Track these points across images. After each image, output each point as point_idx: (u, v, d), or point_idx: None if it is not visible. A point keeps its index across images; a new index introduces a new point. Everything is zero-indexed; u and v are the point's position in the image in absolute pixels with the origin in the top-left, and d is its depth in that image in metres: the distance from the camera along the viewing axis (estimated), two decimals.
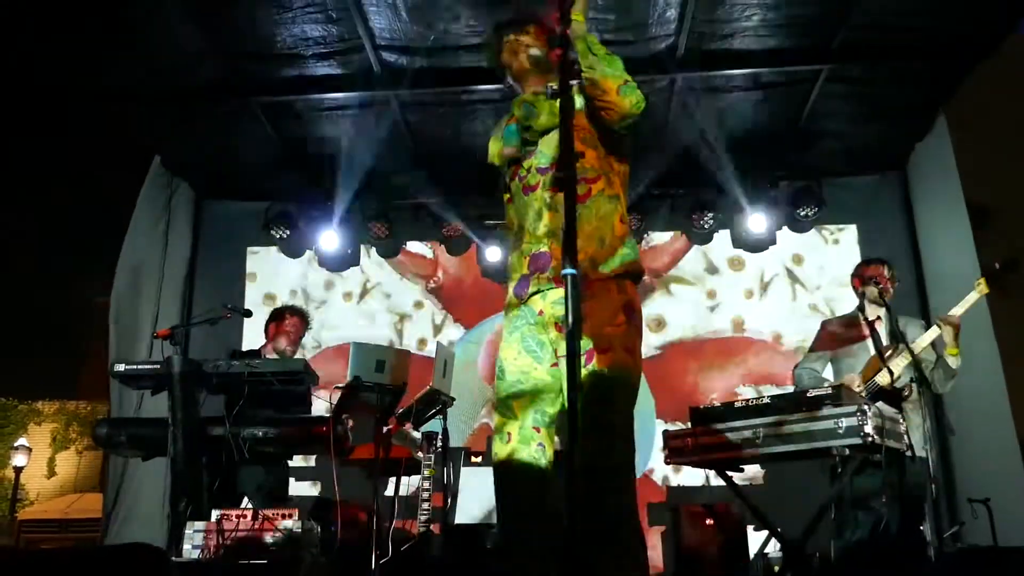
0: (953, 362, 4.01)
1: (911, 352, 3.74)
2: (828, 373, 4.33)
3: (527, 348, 2.28)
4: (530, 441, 2.20)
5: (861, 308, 4.30)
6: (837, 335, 4.29)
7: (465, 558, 4.14)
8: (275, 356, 4.73)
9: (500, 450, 2.24)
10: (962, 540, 4.80)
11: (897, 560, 3.65)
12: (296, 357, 4.75)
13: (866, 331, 4.15)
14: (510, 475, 2.20)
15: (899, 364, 3.90)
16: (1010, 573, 2.85)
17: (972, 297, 4.01)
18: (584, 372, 2.15)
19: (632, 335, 2.25)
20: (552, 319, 2.26)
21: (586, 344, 2.17)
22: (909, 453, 3.62)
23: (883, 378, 3.87)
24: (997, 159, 6.21)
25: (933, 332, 3.99)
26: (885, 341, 4.08)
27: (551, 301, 2.26)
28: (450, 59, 5.37)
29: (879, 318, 4.17)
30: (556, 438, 2.30)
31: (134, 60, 5.21)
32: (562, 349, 2.21)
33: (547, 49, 2.49)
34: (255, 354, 4.77)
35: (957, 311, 3.97)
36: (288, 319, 4.88)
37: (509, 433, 2.22)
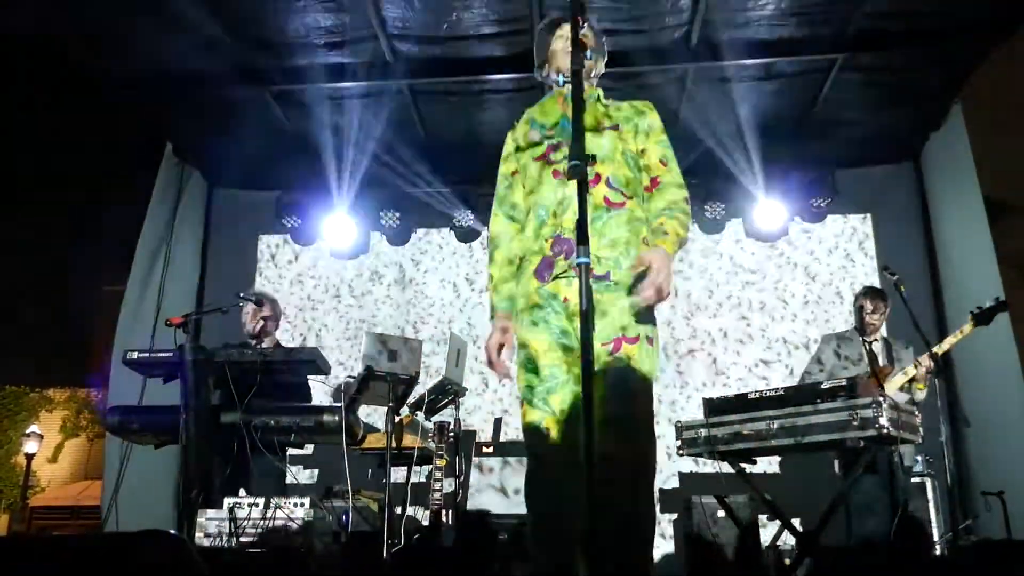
0: (919, 395, 4.32)
1: (909, 381, 4.21)
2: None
3: (558, 341, 2.27)
4: (570, 436, 2.19)
5: (859, 328, 4.53)
6: (837, 351, 4.50)
7: (477, 546, 4.15)
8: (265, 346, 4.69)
9: (539, 445, 2.23)
10: (976, 533, 4.78)
11: (904, 556, 3.64)
12: (311, 347, 4.74)
13: (864, 352, 4.39)
14: (551, 471, 2.19)
15: (893, 385, 4.16)
16: None
17: (958, 335, 4.31)
18: (610, 360, 2.17)
19: (653, 327, 2.27)
20: (579, 308, 2.25)
21: (613, 333, 2.20)
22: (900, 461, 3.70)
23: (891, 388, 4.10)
24: (1014, 148, 6.14)
25: (911, 370, 4.29)
26: (881, 363, 4.33)
27: (576, 289, 2.25)
28: (462, 48, 5.35)
29: (876, 340, 4.48)
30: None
31: (146, 48, 5.21)
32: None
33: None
34: (245, 345, 4.72)
35: (942, 347, 4.29)
36: (245, 305, 4.75)
37: (548, 428, 2.21)
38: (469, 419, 6.32)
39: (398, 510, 4.27)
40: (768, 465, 5.85)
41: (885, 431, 3.24)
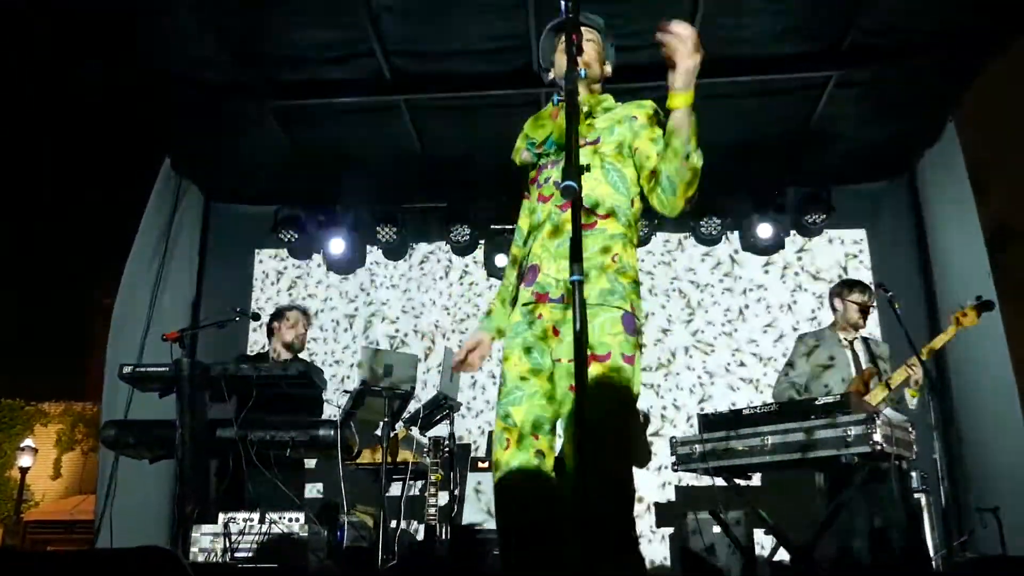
0: (912, 403, 4.12)
1: (888, 386, 3.98)
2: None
3: (527, 354, 2.28)
4: (529, 448, 2.20)
5: (834, 326, 4.42)
6: (815, 350, 4.36)
7: (471, 560, 4.14)
8: (283, 358, 4.71)
9: (500, 456, 2.24)
10: (971, 549, 4.78)
11: (901, 570, 3.64)
12: (303, 359, 4.75)
13: (846, 351, 4.28)
14: (509, 482, 2.20)
15: (877, 396, 4.00)
16: None
17: (947, 334, 4.16)
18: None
19: (631, 345, 2.22)
20: (551, 323, 2.27)
21: (571, 351, 2.18)
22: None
23: (873, 399, 3.98)
24: (1009, 163, 6.18)
25: (903, 372, 4.06)
26: (864, 363, 4.21)
27: (549, 306, 2.27)
28: (460, 64, 5.38)
29: (857, 339, 4.31)
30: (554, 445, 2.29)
31: (145, 62, 5.23)
32: (558, 353, 2.24)
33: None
34: (263, 357, 4.77)
35: (932, 345, 4.13)
36: (288, 317, 4.81)
37: (508, 439, 2.22)
38: (467, 435, 6.32)
39: (393, 524, 4.26)
40: (768, 478, 5.83)
41: (879, 447, 3.25)
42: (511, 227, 2.71)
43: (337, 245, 6.72)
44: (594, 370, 2.15)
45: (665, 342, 6.53)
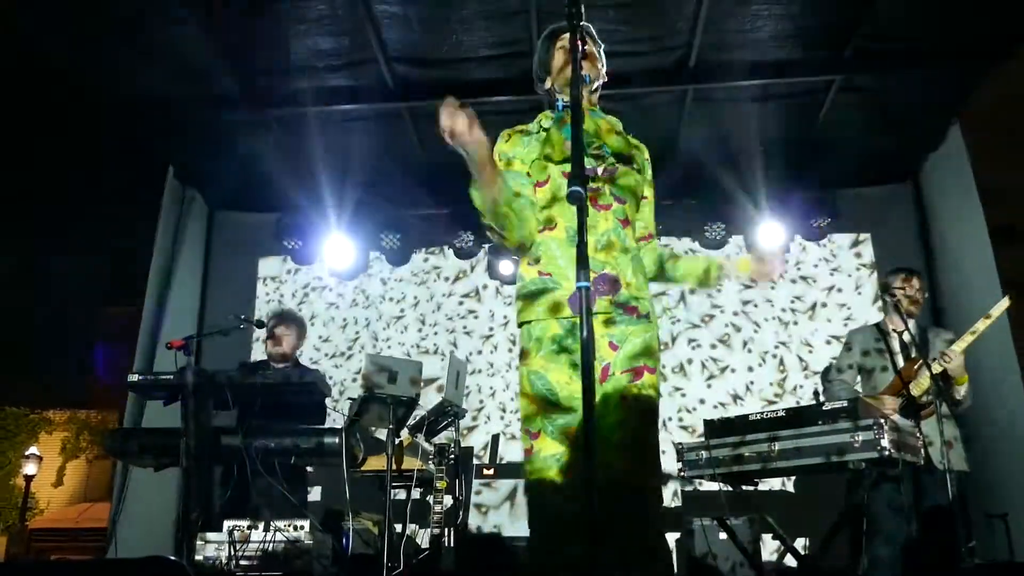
0: (959, 391, 3.92)
1: (931, 373, 3.72)
2: (858, 385, 4.29)
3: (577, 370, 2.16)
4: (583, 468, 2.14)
5: (886, 317, 4.26)
6: (864, 347, 4.20)
7: (477, 568, 4.12)
8: (280, 365, 4.69)
9: (549, 471, 2.15)
10: (979, 555, 4.75)
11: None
12: (308, 366, 4.73)
13: (895, 343, 4.09)
14: (557, 496, 2.13)
15: (921, 385, 3.83)
16: None
17: (980, 326, 3.84)
18: (631, 387, 2.15)
19: (659, 362, 2.26)
20: (603, 338, 2.19)
21: (637, 362, 2.18)
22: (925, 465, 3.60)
23: (917, 388, 3.82)
24: (1015, 167, 6.15)
25: (935, 368, 3.82)
26: (913, 353, 4.01)
27: (601, 320, 2.19)
28: (461, 71, 5.39)
29: (907, 330, 4.07)
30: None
31: (149, 72, 5.24)
32: (612, 366, 2.19)
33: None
34: (264, 365, 4.75)
35: (959, 345, 3.84)
36: (280, 325, 4.78)
37: (565, 461, 2.13)
38: (472, 440, 6.31)
39: (398, 531, 4.25)
40: (778, 484, 5.80)
41: (887, 453, 3.23)
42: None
43: (340, 252, 6.73)
44: (648, 380, 2.17)
45: (672, 349, 6.53)
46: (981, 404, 5.51)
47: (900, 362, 4.01)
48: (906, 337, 4.06)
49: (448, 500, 4.51)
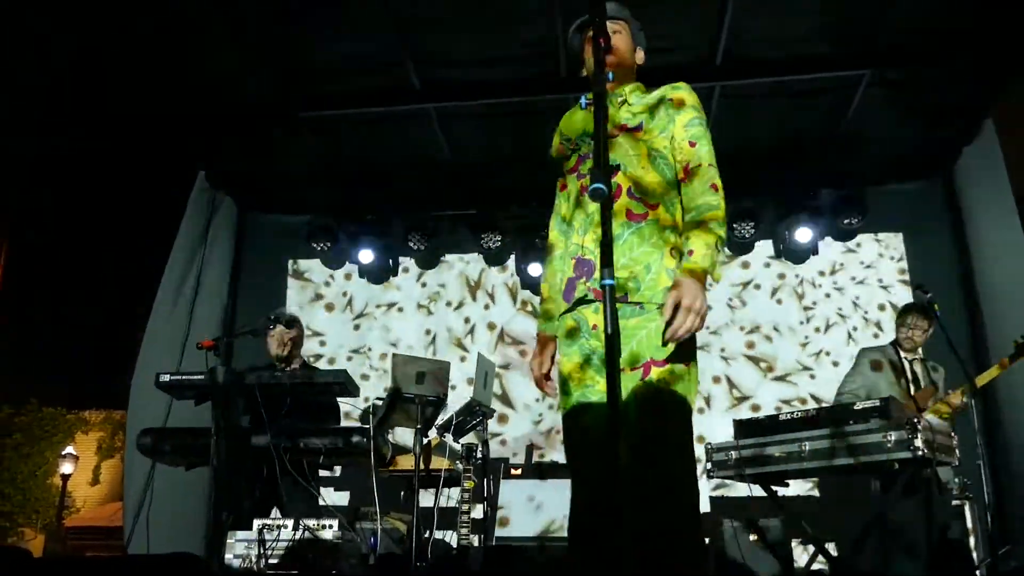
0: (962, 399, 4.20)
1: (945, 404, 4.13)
2: None
3: (590, 363, 2.20)
4: (603, 455, 2.12)
5: (897, 343, 4.48)
6: (876, 365, 4.40)
7: (505, 568, 4.12)
8: (294, 366, 4.69)
9: (577, 464, 2.18)
10: (1015, 559, 4.65)
11: None
12: (339, 369, 4.73)
13: (906, 370, 4.35)
14: (585, 491, 2.14)
15: (931, 413, 4.07)
16: None
17: (999, 368, 4.18)
18: (640, 384, 2.09)
19: (686, 351, 2.13)
20: (599, 329, 2.17)
21: (641, 357, 2.10)
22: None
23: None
24: None
25: (958, 396, 4.17)
26: (922, 383, 4.29)
27: (601, 315, 2.12)
28: (487, 71, 5.39)
29: (916, 359, 4.41)
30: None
31: (181, 77, 5.31)
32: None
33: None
34: (270, 367, 4.71)
35: (982, 379, 4.16)
36: (275, 327, 4.76)
37: (584, 447, 2.16)
38: (502, 448, 6.34)
39: (426, 532, 4.26)
40: (806, 486, 5.74)
41: (920, 453, 3.17)
42: (543, 234, 2.61)
43: (368, 254, 6.77)
44: (656, 374, 2.08)
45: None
46: (1019, 403, 5.41)
47: (911, 390, 4.28)
48: (916, 367, 4.40)
49: (477, 506, 4.51)
